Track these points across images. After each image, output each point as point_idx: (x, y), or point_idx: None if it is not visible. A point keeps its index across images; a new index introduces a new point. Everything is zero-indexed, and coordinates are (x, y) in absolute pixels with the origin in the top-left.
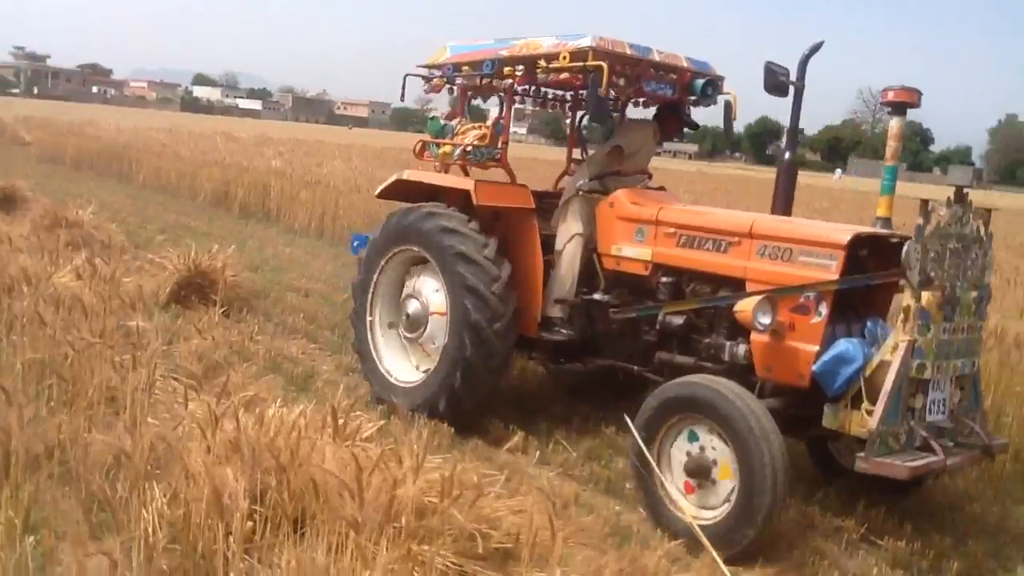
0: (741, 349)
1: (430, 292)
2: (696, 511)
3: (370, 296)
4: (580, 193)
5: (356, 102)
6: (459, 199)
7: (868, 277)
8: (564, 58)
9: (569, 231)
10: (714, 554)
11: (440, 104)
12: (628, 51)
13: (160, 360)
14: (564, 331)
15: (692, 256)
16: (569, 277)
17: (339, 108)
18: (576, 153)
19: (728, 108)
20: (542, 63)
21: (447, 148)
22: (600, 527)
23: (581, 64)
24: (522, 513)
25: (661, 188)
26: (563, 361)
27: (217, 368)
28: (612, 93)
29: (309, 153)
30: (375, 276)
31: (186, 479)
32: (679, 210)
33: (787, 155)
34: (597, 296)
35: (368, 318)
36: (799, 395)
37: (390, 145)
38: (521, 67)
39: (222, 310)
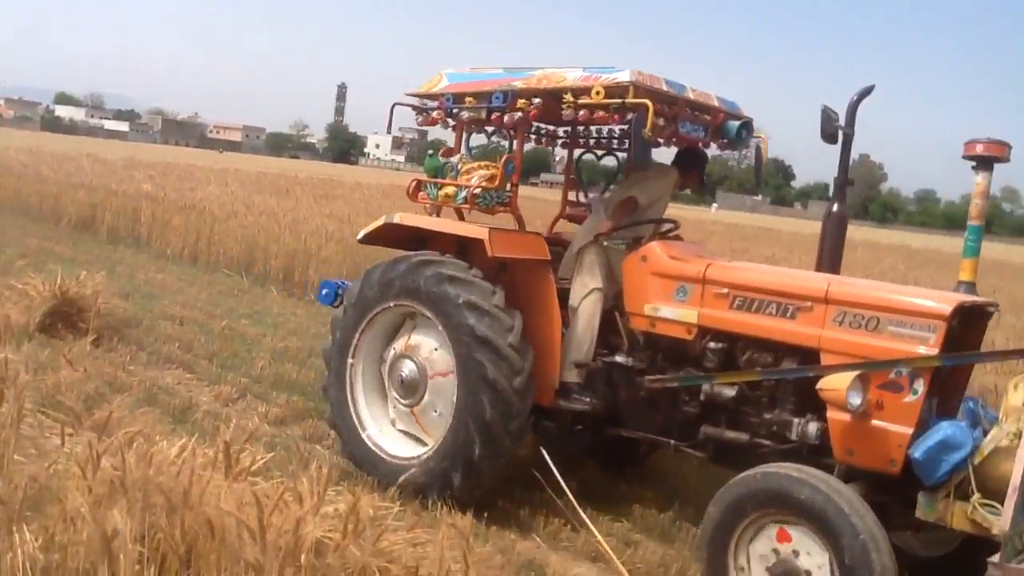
0: (813, 428)
1: (428, 352)
2: None
3: (350, 360)
4: (598, 242)
5: (229, 125)
6: (453, 247)
7: (982, 354)
8: (597, 93)
9: (586, 286)
10: None
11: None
12: (665, 88)
13: (28, 393)
14: (585, 398)
15: (750, 321)
16: (588, 338)
17: (211, 131)
18: (571, 195)
19: (759, 152)
20: (568, 97)
21: (449, 190)
22: (502, 561)
23: (619, 101)
24: (423, 546)
25: (677, 236)
26: (578, 429)
27: (89, 401)
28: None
29: (181, 177)
30: (356, 337)
31: (64, 521)
32: (732, 268)
33: (836, 207)
34: (620, 359)
35: (349, 385)
36: (881, 481)
37: (266, 170)
38: (538, 100)
39: (92, 339)
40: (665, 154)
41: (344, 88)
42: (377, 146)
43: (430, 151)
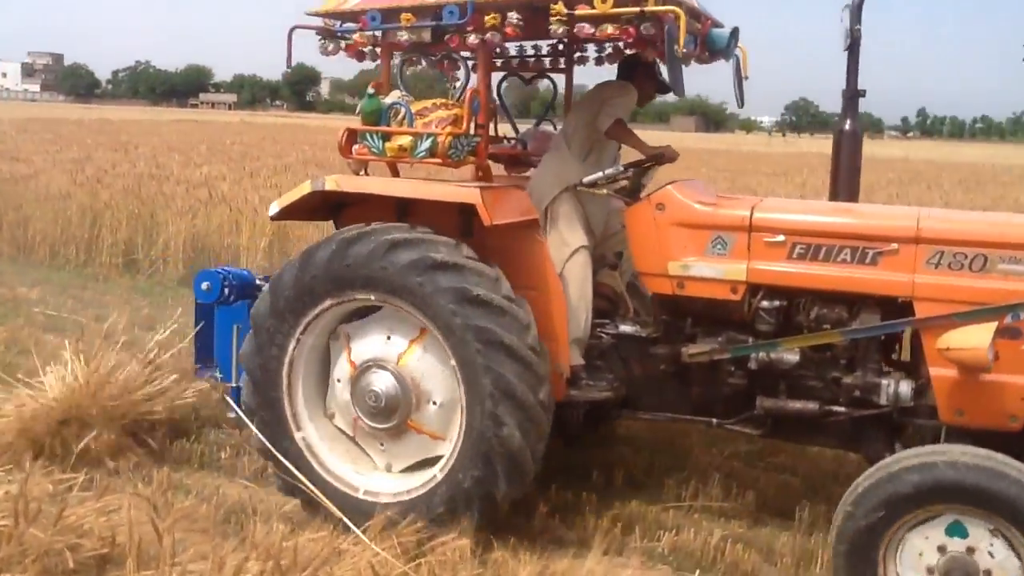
0: (906, 388)
1: (412, 359)
2: None
3: (285, 376)
4: (571, 190)
5: None
6: (390, 212)
7: None
8: (604, 1)
9: (568, 244)
10: None
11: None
12: None
13: None
14: (600, 383)
15: (817, 272)
16: (583, 308)
17: None
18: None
19: (739, 65)
20: (558, 7)
21: (404, 140)
22: (210, 511)
23: (636, 10)
24: (114, 513)
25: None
26: (591, 423)
27: None
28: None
29: None
30: (291, 346)
31: None
32: (785, 209)
33: (848, 123)
34: (628, 329)
35: (289, 409)
36: (996, 440)
37: None
38: (515, 14)
39: None
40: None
41: None
42: (4, 75)
43: (370, 90)
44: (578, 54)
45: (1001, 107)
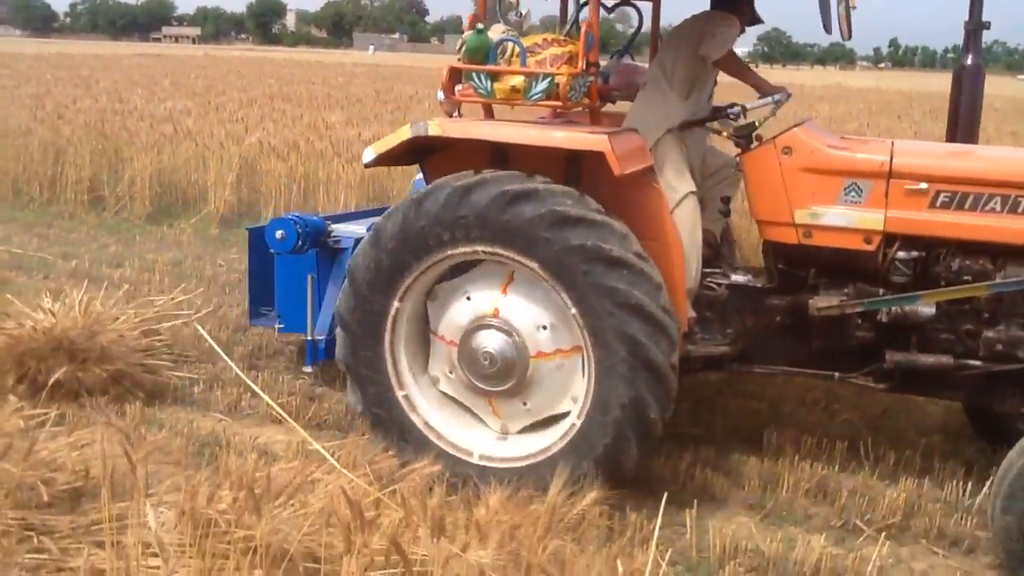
0: None
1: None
2: None
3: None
4: (674, 132)
5: None
6: (485, 158)
7: None
8: None
9: (675, 190)
10: None
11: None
12: None
13: None
14: (717, 337)
15: (962, 222)
16: (694, 257)
17: None
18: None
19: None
20: None
21: (516, 80)
22: (183, 444)
23: None
24: (87, 447)
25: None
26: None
27: None
28: None
29: None
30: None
31: None
32: (926, 154)
33: (970, 58)
34: (740, 279)
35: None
36: None
37: None
38: None
39: None
40: None
41: None
42: None
43: (478, 26)
44: None
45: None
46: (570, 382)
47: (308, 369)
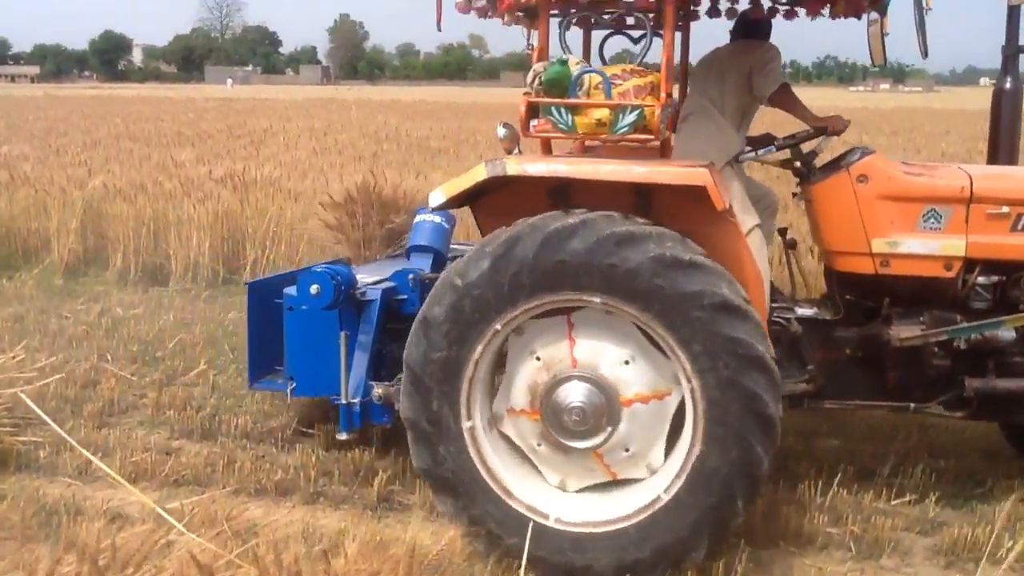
0: None
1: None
2: None
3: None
4: (733, 162)
5: None
6: (544, 197)
7: None
8: None
9: (744, 223)
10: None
11: None
12: None
13: None
14: (795, 374)
15: None
16: (765, 292)
17: None
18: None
19: (880, 25)
20: None
21: (600, 114)
22: (26, 515)
23: None
24: None
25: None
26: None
27: None
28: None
29: None
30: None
31: None
32: (1007, 176)
33: (1008, 82)
34: (807, 312)
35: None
36: None
37: None
38: None
39: None
40: None
41: None
42: None
43: (562, 57)
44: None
45: (807, 51)
46: (664, 423)
47: (344, 436)
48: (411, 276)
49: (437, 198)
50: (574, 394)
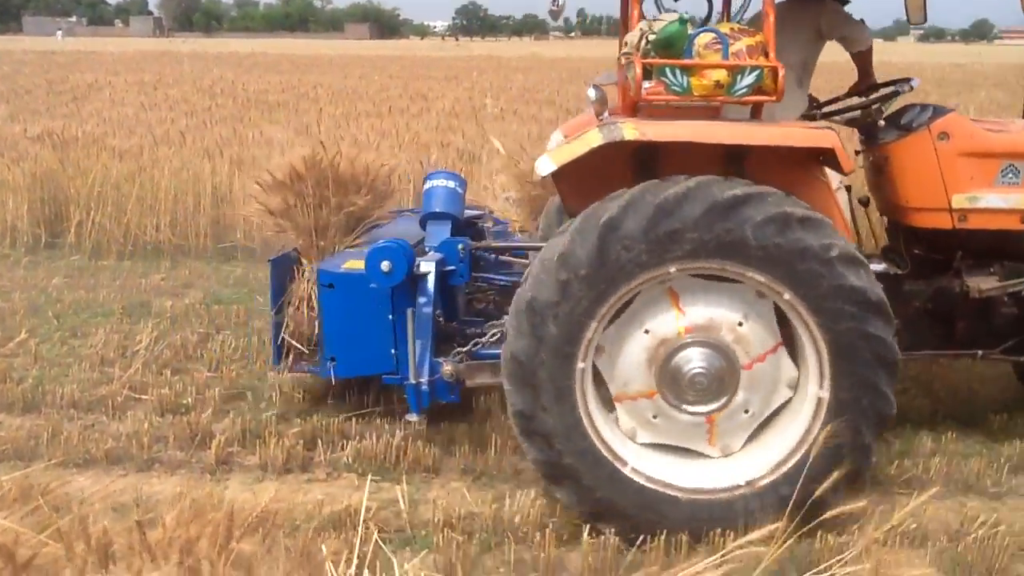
0: None
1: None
2: None
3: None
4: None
5: None
6: (630, 166)
7: None
8: None
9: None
10: None
11: None
12: None
13: None
14: None
15: None
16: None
17: None
18: None
19: None
20: None
21: (718, 75)
22: None
23: None
24: None
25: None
26: None
27: None
28: None
29: None
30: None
31: None
32: None
33: None
34: (879, 267)
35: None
36: None
37: None
38: None
39: None
40: None
41: None
42: None
43: (682, 15)
44: None
45: None
46: (779, 374)
47: (414, 418)
48: (460, 246)
49: (547, 166)
50: (695, 361)
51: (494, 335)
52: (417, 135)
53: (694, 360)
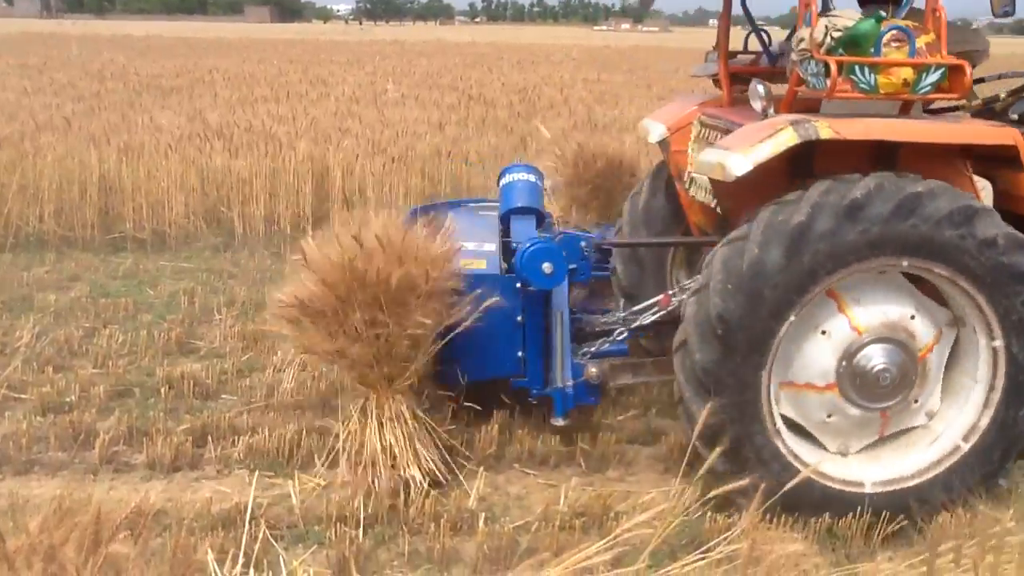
0: None
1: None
2: None
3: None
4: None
5: None
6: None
7: None
8: None
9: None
10: None
11: None
12: None
13: None
14: None
15: None
16: None
17: None
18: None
19: None
20: None
21: (906, 72)
22: None
23: None
24: None
25: None
26: None
27: None
28: None
29: None
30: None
31: None
32: None
33: None
34: None
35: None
36: None
37: None
38: None
39: None
40: None
41: None
42: None
43: (878, 12)
44: None
45: None
46: (941, 368)
47: (561, 422)
48: (583, 243)
49: (743, 165)
50: (877, 358)
51: (620, 334)
52: (315, 120)
53: (875, 358)
